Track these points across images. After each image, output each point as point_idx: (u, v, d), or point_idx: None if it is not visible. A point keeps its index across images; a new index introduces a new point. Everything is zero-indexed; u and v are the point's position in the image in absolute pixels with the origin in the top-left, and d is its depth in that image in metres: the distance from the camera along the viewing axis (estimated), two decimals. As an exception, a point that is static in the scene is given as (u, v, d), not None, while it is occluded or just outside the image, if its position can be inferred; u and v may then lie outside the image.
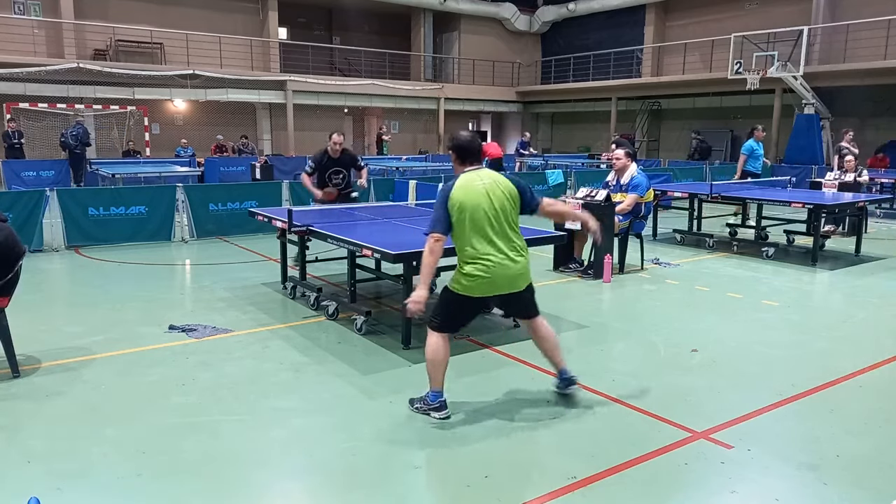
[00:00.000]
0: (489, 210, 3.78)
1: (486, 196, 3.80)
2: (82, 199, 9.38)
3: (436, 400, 3.90)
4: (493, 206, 3.80)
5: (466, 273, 3.82)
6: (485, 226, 3.78)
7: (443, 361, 3.89)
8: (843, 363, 4.90)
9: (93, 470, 3.32)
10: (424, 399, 3.96)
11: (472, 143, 3.96)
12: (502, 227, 3.83)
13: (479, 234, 3.78)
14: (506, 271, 3.81)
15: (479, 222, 3.77)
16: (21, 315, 5.62)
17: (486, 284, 3.81)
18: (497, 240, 3.80)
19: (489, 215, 3.78)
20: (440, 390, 3.91)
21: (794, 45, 17.88)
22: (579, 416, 3.99)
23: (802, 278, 7.81)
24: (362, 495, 3.14)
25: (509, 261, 3.82)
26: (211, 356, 4.97)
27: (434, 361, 3.89)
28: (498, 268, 3.79)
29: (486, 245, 3.78)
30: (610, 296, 7.01)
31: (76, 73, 19.22)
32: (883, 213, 13.47)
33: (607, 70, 25.39)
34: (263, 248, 9.25)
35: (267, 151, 22.78)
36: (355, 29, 27.11)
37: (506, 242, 3.83)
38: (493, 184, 3.85)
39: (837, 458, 3.49)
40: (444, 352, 3.89)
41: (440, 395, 3.91)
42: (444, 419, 3.87)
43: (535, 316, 4.09)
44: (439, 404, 3.89)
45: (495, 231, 3.80)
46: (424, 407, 3.94)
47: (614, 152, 8.32)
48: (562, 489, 3.16)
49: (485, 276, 3.79)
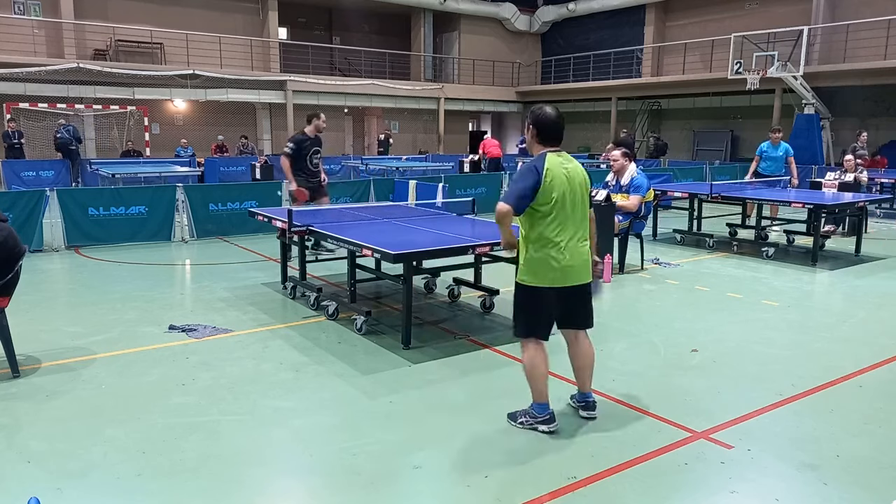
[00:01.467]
0: (571, 195, 3.63)
1: (568, 181, 3.63)
2: (82, 199, 9.38)
3: (543, 412, 3.73)
4: (575, 191, 3.66)
5: (540, 259, 3.61)
6: (567, 211, 3.62)
7: (541, 371, 3.70)
8: (843, 363, 4.90)
9: (93, 470, 3.32)
10: (529, 412, 3.78)
11: (557, 122, 3.70)
12: (579, 215, 3.70)
13: (560, 218, 3.60)
14: (578, 259, 3.66)
15: (563, 207, 3.60)
16: (21, 315, 5.63)
17: (560, 272, 3.62)
18: (572, 227, 3.66)
19: (573, 200, 3.64)
20: (545, 402, 3.72)
21: (794, 45, 17.88)
22: (579, 415, 3.99)
23: (802, 278, 7.82)
24: (362, 495, 3.14)
25: (586, 248, 3.72)
26: (211, 356, 4.97)
27: (531, 373, 3.72)
28: (571, 255, 3.62)
29: (563, 231, 3.61)
30: (610, 296, 7.01)
31: (76, 73, 19.22)
32: (883, 213, 13.47)
33: (607, 70, 25.40)
34: (263, 248, 9.26)
35: (267, 151, 22.77)
36: (355, 29, 27.12)
37: (579, 230, 3.70)
38: (574, 168, 3.71)
39: (837, 458, 3.49)
40: (538, 360, 3.69)
41: (546, 407, 3.73)
42: (552, 432, 3.70)
43: (589, 327, 3.90)
44: (548, 416, 3.72)
45: (573, 218, 3.66)
46: (531, 421, 3.75)
47: (611, 153, 8.32)
48: (562, 489, 3.16)
49: (559, 263, 3.60)
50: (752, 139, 22.68)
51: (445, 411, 4.02)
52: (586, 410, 3.93)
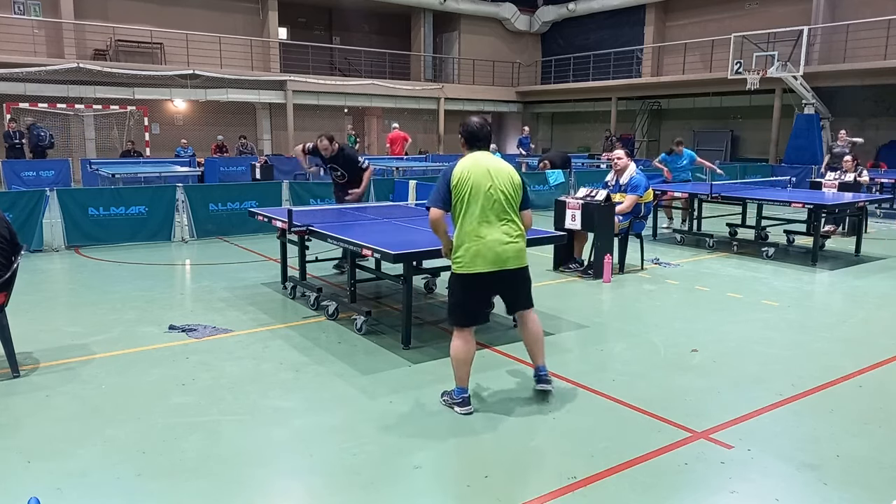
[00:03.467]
0: (489, 189, 3.90)
1: (487, 176, 3.91)
2: (82, 199, 9.38)
3: (459, 395, 4.00)
4: (495, 185, 3.91)
5: (464, 247, 3.92)
6: (483, 203, 3.89)
7: (465, 359, 3.98)
8: (843, 363, 4.90)
9: (93, 470, 3.32)
10: (451, 393, 4.08)
11: (481, 128, 4.05)
12: (501, 208, 3.94)
13: (477, 210, 3.89)
14: (498, 247, 3.91)
15: (477, 199, 3.89)
16: (21, 315, 5.63)
17: (482, 259, 3.89)
18: (493, 218, 3.91)
19: (489, 193, 3.90)
20: (464, 387, 4.00)
21: (794, 45, 17.87)
22: (579, 416, 4.00)
23: (802, 278, 7.81)
24: (362, 495, 3.14)
25: (504, 239, 3.93)
26: (211, 356, 4.97)
27: (456, 359, 4.00)
28: (491, 243, 3.89)
29: (481, 221, 3.89)
30: (610, 296, 7.01)
31: (76, 73, 19.21)
32: (883, 213, 13.47)
33: (607, 70, 25.39)
34: (263, 248, 9.25)
35: (267, 151, 22.77)
36: (355, 29, 27.11)
37: (501, 223, 3.94)
38: (497, 167, 3.98)
39: (837, 458, 3.49)
40: (464, 349, 3.98)
41: (464, 391, 4.00)
42: (466, 414, 3.95)
43: (529, 308, 4.20)
44: (462, 399, 3.99)
45: (493, 210, 3.91)
46: (450, 401, 4.06)
47: (615, 153, 8.34)
48: (562, 489, 3.16)
49: (479, 250, 3.88)
50: (753, 139, 22.72)
51: (445, 411, 4.02)
52: (542, 383, 4.22)
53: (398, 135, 19.66)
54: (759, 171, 17.03)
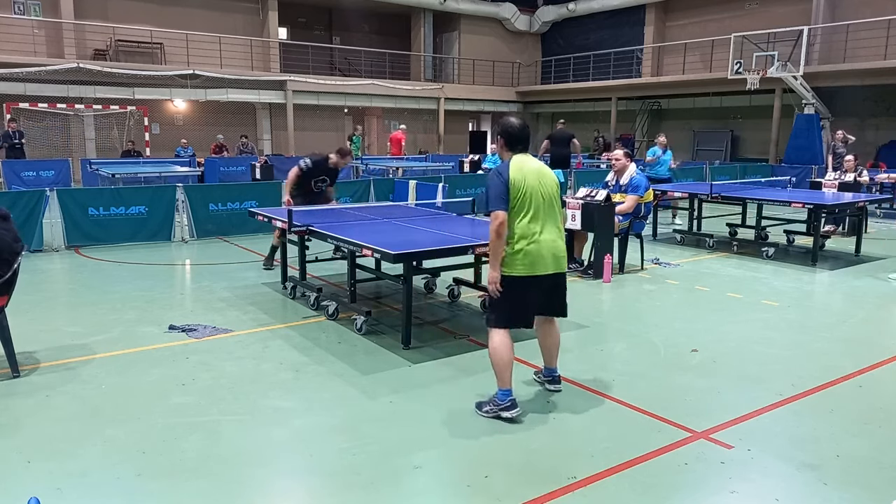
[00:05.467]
0: (541, 190, 3.93)
1: (537, 177, 3.94)
2: (82, 199, 9.38)
3: (505, 399, 3.87)
4: (544, 186, 3.95)
5: (516, 251, 3.85)
6: (538, 205, 3.90)
7: (507, 359, 3.88)
8: (843, 363, 4.90)
9: (93, 470, 3.32)
10: (493, 400, 3.93)
11: (521, 130, 4.05)
12: (551, 209, 3.97)
13: (532, 212, 3.88)
14: (552, 250, 3.91)
15: (534, 201, 3.89)
16: (21, 315, 5.63)
17: (534, 262, 3.86)
18: (546, 219, 3.93)
19: (542, 195, 3.92)
20: (508, 389, 3.88)
21: (794, 45, 17.87)
22: (579, 416, 4.00)
23: (802, 278, 7.82)
24: (362, 495, 3.14)
25: (555, 239, 3.95)
26: (211, 356, 4.97)
27: (501, 360, 3.88)
28: (545, 245, 3.88)
29: (537, 223, 3.89)
30: (610, 296, 7.02)
31: (76, 73, 19.21)
32: (883, 213, 13.47)
33: (607, 70, 25.39)
34: (263, 248, 9.23)
35: (267, 151, 22.77)
36: (355, 29, 27.11)
37: (552, 223, 3.97)
38: (541, 167, 4.03)
39: (837, 458, 3.49)
40: (505, 349, 3.88)
41: (509, 393, 3.88)
42: (515, 418, 3.84)
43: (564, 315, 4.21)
44: (510, 403, 3.86)
45: (545, 211, 3.93)
46: (494, 408, 3.90)
47: (614, 153, 8.34)
48: (562, 489, 3.16)
49: (533, 253, 3.85)
50: (753, 139, 22.71)
51: (445, 411, 4.02)
52: (554, 383, 4.29)
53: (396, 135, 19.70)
54: (759, 171, 17.03)
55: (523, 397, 4.24)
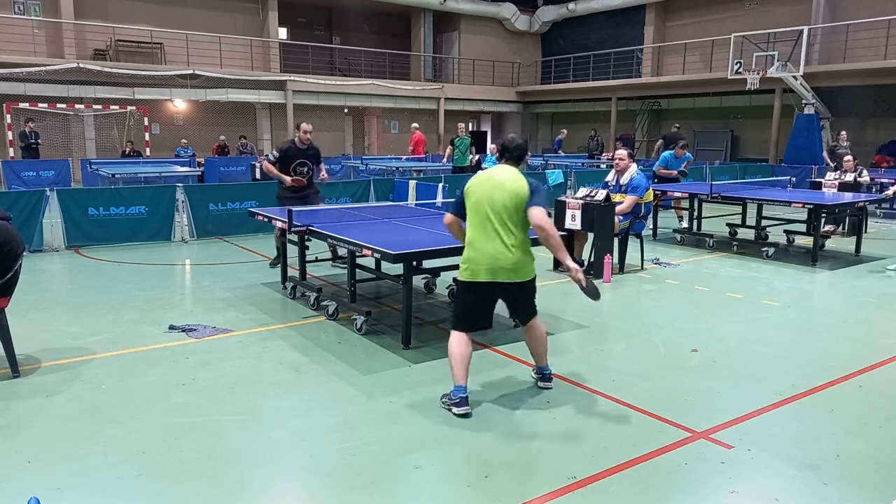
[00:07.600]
0: (491, 201, 4.02)
1: (492, 188, 4.04)
2: (82, 199, 9.38)
3: (456, 395, 3.99)
4: (497, 199, 4.01)
5: (466, 257, 4.09)
6: (483, 214, 4.03)
7: (460, 358, 4.03)
8: (843, 363, 4.90)
9: (93, 470, 3.32)
10: (449, 395, 4.06)
11: (510, 143, 4.25)
12: (500, 220, 4.02)
13: (477, 220, 4.06)
14: (491, 260, 4.00)
15: (479, 210, 4.05)
16: (21, 315, 5.63)
17: (474, 270, 4.03)
18: (488, 229, 4.02)
19: (490, 206, 4.02)
20: (462, 386, 3.99)
21: (794, 45, 17.87)
22: (579, 416, 4.00)
23: (802, 278, 7.81)
24: (362, 495, 3.14)
25: (497, 250, 4.01)
26: (211, 356, 4.97)
27: (451, 357, 4.06)
28: (482, 254, 4.01)
29: (476, 231, 4.05)
30: (610, 296, 7.01)
31: (76, 73, 19.21)
32: (883, 213, 13.47)
33: (607, 70, 25.39)
34: (263, 248, 9.25)
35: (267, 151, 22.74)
36: (355, 29, 27.10)
37: (497, 234, 4.02)
38: (505, 181, 4.05)
39: (837, 458, 3.49)
40: (459, 349, 4.05)
41: (462, 390, 3.99)
42: (462, 415, 3.93)
43: (529, 319, 4.32)
44: (459, 399, 3.98)
45: (491, 221, 4.01)
46: (447, 402, 4.05)
47: (618, 152, 8.34)
48: (562, 489, 3.16)
49: (472, 260, 4.04)
50: (753, 139, 22.72)
51: (445, 411, 4.02)
52: (545, 381, 4.39)
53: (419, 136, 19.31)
54: (759, 171, 17.03)
55: (523, 397, 4.25)
